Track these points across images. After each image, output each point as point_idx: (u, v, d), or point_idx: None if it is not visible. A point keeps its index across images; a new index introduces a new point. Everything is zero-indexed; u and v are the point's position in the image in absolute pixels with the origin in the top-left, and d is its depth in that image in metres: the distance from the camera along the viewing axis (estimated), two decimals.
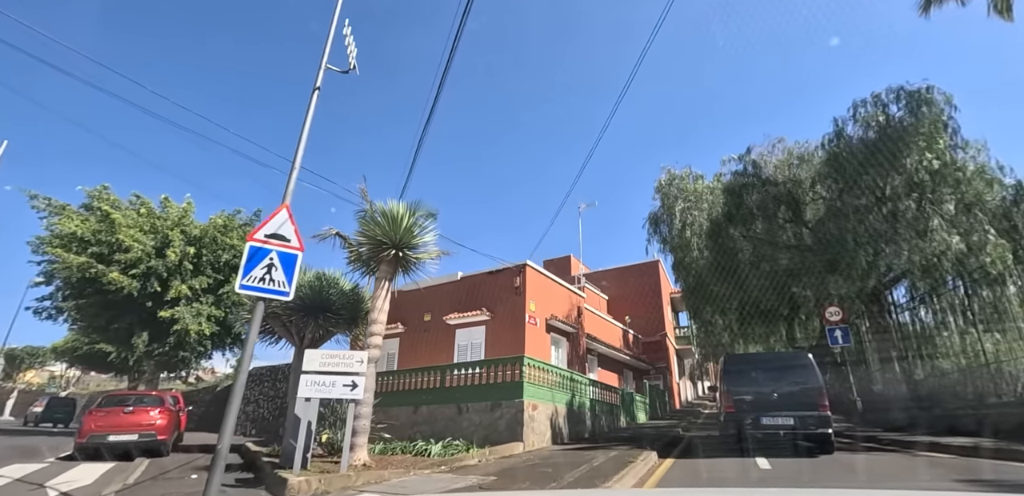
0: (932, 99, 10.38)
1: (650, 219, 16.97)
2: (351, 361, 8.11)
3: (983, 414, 10.33)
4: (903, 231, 10.20)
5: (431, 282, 17.82)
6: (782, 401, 9.05)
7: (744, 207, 13.20)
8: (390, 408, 13.81)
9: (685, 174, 16.39)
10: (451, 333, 16.15)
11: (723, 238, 13.66)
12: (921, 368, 12.63)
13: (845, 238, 11.03)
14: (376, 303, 9.64)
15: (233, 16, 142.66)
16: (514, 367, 11.92)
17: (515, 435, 11.21)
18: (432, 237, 10.83)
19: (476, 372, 12.53)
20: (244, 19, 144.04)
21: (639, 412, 19.34)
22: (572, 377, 14.16)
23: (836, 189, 11.50)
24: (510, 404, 11.57)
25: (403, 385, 13.86)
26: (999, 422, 9.56)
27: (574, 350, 17.49)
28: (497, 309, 15.52)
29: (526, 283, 15.27)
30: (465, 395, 12.50)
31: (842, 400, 18.44)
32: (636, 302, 28.67)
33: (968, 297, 11.12)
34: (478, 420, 12.00)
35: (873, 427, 13.22)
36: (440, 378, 13.14)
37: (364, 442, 8.85)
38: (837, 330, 15.14)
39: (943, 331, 11.98)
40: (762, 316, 15.74)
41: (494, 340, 15.07)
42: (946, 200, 10.19)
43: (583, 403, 14.45)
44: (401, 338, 17.46)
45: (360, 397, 7.98)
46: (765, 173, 13.36)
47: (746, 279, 14.74)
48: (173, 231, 18.85)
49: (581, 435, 13.88)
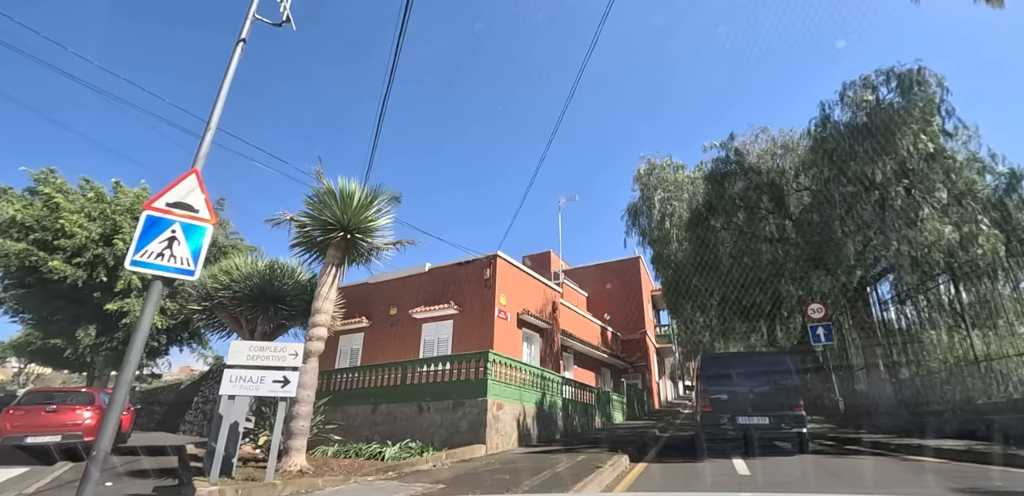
0: (924, 80, 9.77)
1: (629, 210, 16.24)
2: (283, 354, 7.19)
3: (973, 415, 9.75)
4: (893, 220, 9.58)
5: (398, 274, 16.95)
6: (758, 401, 9.03)
7: (726, 197, 12.51)
8: (348, 407, 12.93)
9: (666, 164, 15.68)
10: (417, 328, 15.25)
11: (703, 230, 12.97)
12: (907, 367, 12.07)
13: (831, 228, 10.38)
14: (321, 291, 8.72)
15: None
16: (478, 363, 11.08)
17: (477, 436, 10.38)
18: (388, 220, 9.95)
19: (438, 369, 11.67)
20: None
21: (616, 412, 18.63)
22: (543, 375, 13.36)
23: (822, 177, 10.86)
24: (473, 403, 10.73)
25: (362, 382, 12.95)
26: (991, 424, 8.98)
27: (548, 347, 16.69)
28: (466, 303, 14.66)
29: (497, 275, 14.42)
30: (426, 393, 11.63)
31: (824, 401, 17.94)
32: (616, 299, 28.01)
33: (957, 292, 10.55)
34: (439, 420, 11.14)
35: (856, 429, 12.63)
36: (401, 375, 12.25)
37: (302, 445, 7.94)
38: (820, 328, 14.60)
39: (931, 328, 11.42)
40: (743, 313, 15.10)
41: (462, 335, 14.21)
42: (937, 189, 9.59)
43: (555, 403, 13.66)
44: (366, 333, 16.51)
45: (293, 394, 7.06)
46: (748, 161, 12.69)
47: (727, 273, 14.08)
48: (123, 217, 17.62)
49: (552, 436, 13.09)
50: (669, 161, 15.67)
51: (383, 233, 9.97)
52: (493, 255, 14.69)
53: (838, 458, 8.69)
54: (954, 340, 10.89)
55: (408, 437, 10.93)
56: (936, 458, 8.00)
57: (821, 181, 10.94)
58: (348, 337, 16.86)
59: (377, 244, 9.63)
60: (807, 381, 20.72)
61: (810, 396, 20.37)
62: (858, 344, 14.63)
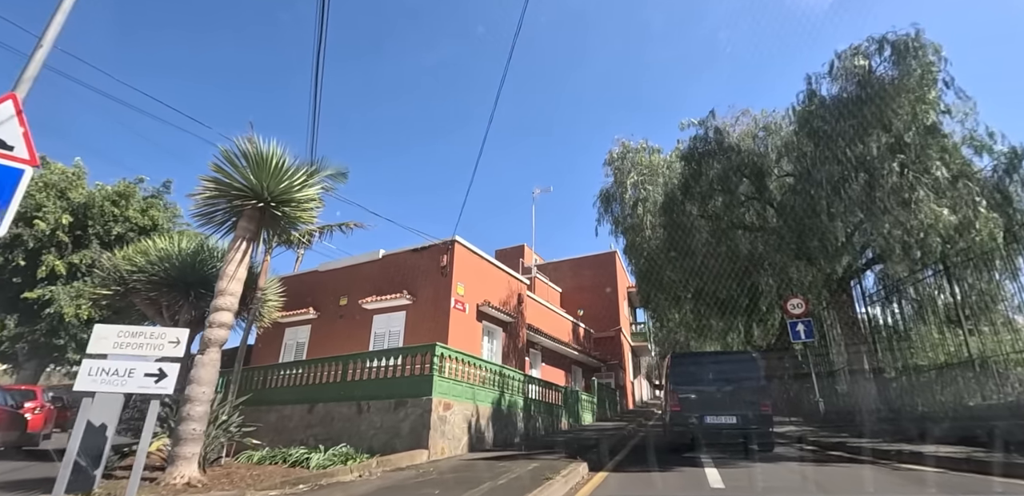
0: (921, 46, 8.81)
1: (601, 196, 15.14)
2: (161, 341, 5.84)
3: (966, 419, 8.84)
4: (884, 201, 8.60)
5: (350, 262, 15.59)
6: (725, 400, 9.10)
7: (703, 179, 11.46)
8: (283, 406, 11.62)
9: (641, 147, 14.61)
10: (368, 319, 13.92)
11: (678, 214, 11.89)
12: (893, 366, 11.17)
13: (816, 210, 9.37)
14: (227, 269, 7.37)
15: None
16: (424, 358, 9.84)
17: (419, 440, 9.14)
18: (316, 192, 8.64)
19: (380, 364, 10.40)
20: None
21: (585, 413, 17.52)
22: (503, 372, 12.16)
23: (807, 157, 9.87)
24: (416, 403, 9.49)
25: (298, 379, 11.61)
26: (989, 429, 8.05)
27: (512, 342, 15.50)
28: (420, 292, 13.38)
29: (454, 262, 13.17)
30: (366, 391, 10.36)
31: (803, 402, 17.06)
32: (591, 295, 26.98)
33: (951, 283, 9.62)
34: (379, 422, 9.87)
35: (838, 432, 11.70)
36: (341, 371, 10.95)
37: (193, 453, 6.59)
38: (799, 324, 13.74)
39: (920, 324, 10.53)
40: (719, 307, 14.11)
41: (415, 328, 12.93)
42: (934, 167, 8.64)
43: (515, 402, 12.47)
44: (313, 325, 15.12)
45: (169, 391, 5.72)
46: (728, 141, 11.66)
47: (703, 263, 13.06)
48: (42, 194, 15.90)
49: (510, 440, 11.90)
50: (644, 144, 14.60)
51: (311, 206, 8.66)
52: (451, 240, 13.43)
53: (823, 466, 7.66)
54: (946, 337, 9.99)
55: (345, 440, 9.68)
56: (934, 467, 6.99)
57: (806, 161, 9.95)
58: (294, 330, 15.45)
59: (300, 217, 8.28)
60: (785, 381, 19.97)
61: (788, 397, 19.62)
62: (840, 341, 13.76)
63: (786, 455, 9.13)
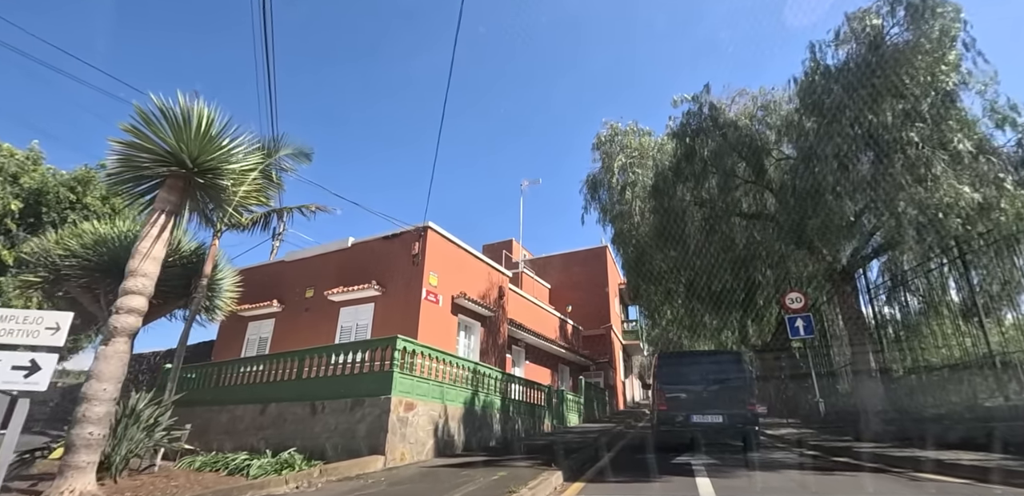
0: (940, 4, 7.86)
1: (588, 182, 14.18)
2: (36, 327, 4.81)
3: (984, 421, 7.92)
4: (899, 178, 7.65)
5: (318, 251, 14.54)
6: (712, 399, 9.15)
7: (696, 159, 10.50)
8: (235, 406, 10.59)
9: (630, 129, 13.65)
10: (335, 312, 12.89)
11: (669, 198, 10.93)
12: (901, 364, 10.26)
13: (822, 189, 8.42)
14: (141, 246, 6.33)
15: None
16: (384, 353, 8.82)
17: (376, 445, 8.12)
18: (255, 162, 7.62)
19: (339, 361, 9.38)
20: None
21: (570, 413, 16.54)
22: (477, 369, 11.16)
23: (811, 132, 8.92)
24: (374, 402, 8.48)
25: (250, 377, 10.58)
26: (1009, 431, 7.14)
27: (491, 338, 14.49)
28: (390, 283, 12.35)
29: (427, 250, 12.15)
30: (321, 390, 9.34)
31: (801, 403, 16.12)
32: (581, 292, 26.01)
33: (966, 271, 8.70)
34: (334, 424, 8.85)
35: (840, 435, 10.77)
36: (296, 368, 9.92)
37: (90, 462, 5.55)
38: (798, 319, 12.85)
39: (932, 317, 9.61)
40: (713, 301, 13.18)
41: (384, 321, 11.91)
42: (954, 140, 7.70)
43: (491, 403, 11.47)
44: (278, 319, 14.06)
45: (42, 388, 4.68)
46: (723, 117, 10.71)
47: (696, 253, 12.13)
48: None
49: (485, 443, 10.90)
50: (634, 126, 13.64)
51: (254, 182, 7.64)
52: (423, 226, 12.41)
53: (829, 476, 6.69)
54: (960, 331, 9.06)
55: (299, 444, 8.68)
56: (959, 478, 6.04)
57: (809, 137, 9.00)
58: (257, 324, 14.39)
59: (241, 194, 7.25)
60: (782, 381, 19.06)
61: (785, 398, 18.69)
62: (843, 338, 12.86)
63: (786, 462, 8.20)
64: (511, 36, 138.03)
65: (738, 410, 8.89)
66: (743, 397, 9.09)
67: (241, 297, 15.06)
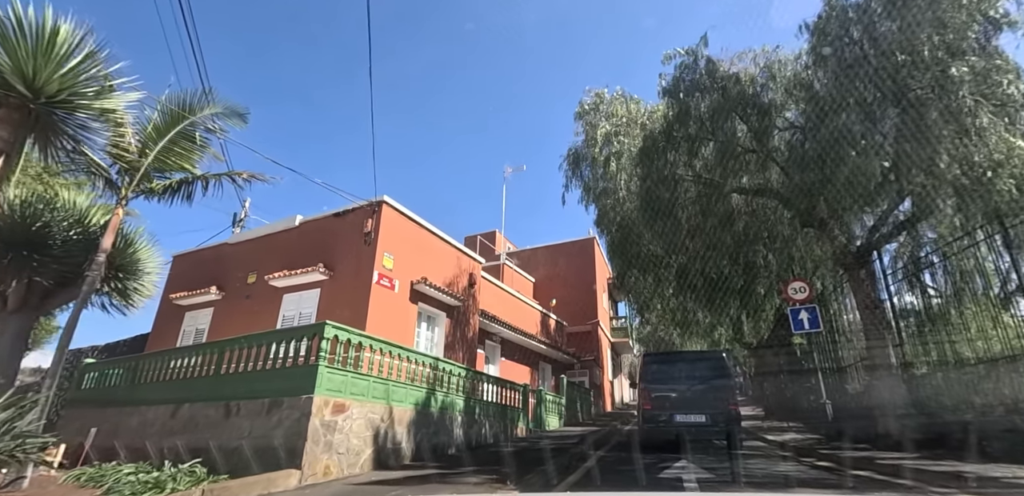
0: None
1: (569, 157, 12.68)
2: None
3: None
4: (936, 128, 6.20)
5: (265, 231, 12.93)
6: (695, 399, 9.29)
7: (690, 120, 9.01)
8: (147, 408, 9.04)
9: (617, 95, 12.14)
10: (278, 299, 11.29)
11: (659, 167, 9.42)
12: (927, 358, 8.84)
13: (841, 147, 6.95)
14: None
15: None
16: (310, 342, 7.26)
17: (293, 456, 6.55)
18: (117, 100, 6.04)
19: (259, 353, 7.81)
20: None
21: (550, 416, 15.01)
22: (436, 365, 9.61)
23: (829, 80, 7.47)
24: (293, 403, 6.91)
25: (161, 374, 9.00)
26: None
27: (459, 331, 12.92)
28: (339, 266, 10.77)
29: (381, 228, 10.57)
30: (238, 388, 7.79)
31: (802, 404, 14.65)
32: (567, 286, 24.52)
33: (1009, 249, 7.27)
34: (248, 428, 7.28)
35: (854, 442, 9.31)
36: (214, 363, 8.34)
37: None
38: (802, 311, 11.46)
39: (966, 304, 8.19)
40: (708, 290, 11.69)
41: (331, 308, 10.32)
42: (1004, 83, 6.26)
43: (452, 404, 9.93)
44: (216, 308, 12.42)
45: None
46: (722, 71, 9.24)
47: (689, 234, 10.66)
48: None
49: (443, 451, 9.35)
50: (620, 92, 12.12)
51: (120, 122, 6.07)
52: (377, 201, 10.81)
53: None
54: (1001, 319, 7.63)
55: (213, 452, 7.18)
56: None
57: (828, 85, 7.53)
58: (194, 314, 12.74)
59: (81, 121, 5.66)
60: (781, 381, 17.64)
61: (784, 399, 17.24)
62: (854, 331, 11.43)
63: (796, 476, 6.73)
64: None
65: (720, 410, 9.06)
66: (726, 397, 9.29)
67: (180, 284, 13.48)
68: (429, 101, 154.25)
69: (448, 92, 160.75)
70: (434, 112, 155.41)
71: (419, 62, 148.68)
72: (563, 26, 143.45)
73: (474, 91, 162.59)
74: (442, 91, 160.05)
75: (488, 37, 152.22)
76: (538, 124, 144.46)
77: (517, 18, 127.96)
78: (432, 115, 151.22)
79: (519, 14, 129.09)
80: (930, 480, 5.82)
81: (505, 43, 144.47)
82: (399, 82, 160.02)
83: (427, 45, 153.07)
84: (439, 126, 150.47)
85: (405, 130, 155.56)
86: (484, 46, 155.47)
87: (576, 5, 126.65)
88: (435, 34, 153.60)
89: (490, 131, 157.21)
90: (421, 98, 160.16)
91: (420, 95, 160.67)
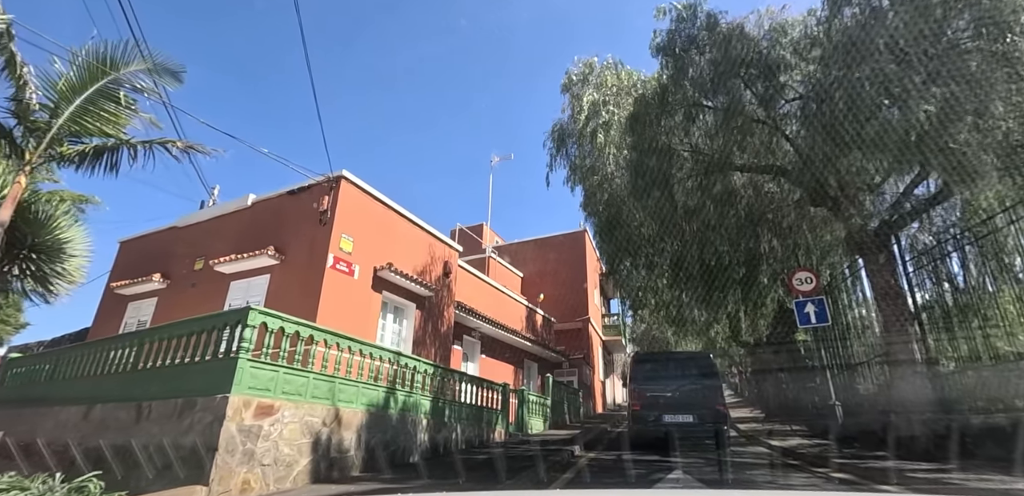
0: None
1: (554, 133, 11.53)
2: None
3: None
4: (989, 71, 5.10)
5: (215, 212, 11.70)
6: (683, 399, 9.31)
7: (686, 81, 7.88)
8: (60, 409, 7.83)
9: (608, 64, 10.98)
10: (224, 287, 10.06)
11: (651, 135, 8.25)
12: (955, 354, 7.76)
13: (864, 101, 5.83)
14: None
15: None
16: (230, 332, 6.06)
17: (201, 469, 5.35)
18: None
19: (176, 344, 6.60)
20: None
21: (533, 418, 13.84)
22: (398, 360, 8.42)
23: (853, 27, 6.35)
24: (207, 404, 5.70)
25: (76, 370, 7.79)
26: None
27: (431, 324, 11.71)
28: (291, 249, 9.57)
29: (338, 206, 9.37)
30: (152, 386, 6.60)
31: (805, 406, 13.56)
32: (556, 281, 23.39)
33: None
34: (159, 433, 6.07)
35: (873, 450, 8.21)
36: (131, 357, 7.13)
37: None
38: (809, 304, 10.56)
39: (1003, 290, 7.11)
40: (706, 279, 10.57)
41: (280, 297, 9.12)
42: None
43: (416, 405, 8.74)
44: (161, 298, 11.18)
45: None
46: (723, 26, 8.10)
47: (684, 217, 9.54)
48: None
49: (403, 459, 8.17)
50: (611, 60, 10.96)
51: None
52: (336, 176, 9.61)
53: None
54: None
55: (120, 461, 6.05)
56: None
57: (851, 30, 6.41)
58: (138, 304, 11.50)
59: None
60: (781, 381, 16.58)
61: (785, 400, 16.17)
62: (867, 325, 10.37)
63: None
64: None
65: (708, 410, 9.14)
66: (713, 397, 9.43)
67: (124, 272, 12.24)
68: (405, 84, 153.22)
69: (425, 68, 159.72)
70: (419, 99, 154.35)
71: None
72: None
73: (456, 65, 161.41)
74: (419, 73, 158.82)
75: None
76: (524, 105, 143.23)
77: None
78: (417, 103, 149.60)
79: None
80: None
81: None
82: (390, 77, 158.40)
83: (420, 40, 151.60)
84: (429, 123, 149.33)
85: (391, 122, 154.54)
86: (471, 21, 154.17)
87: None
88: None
89: (475, 114, 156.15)
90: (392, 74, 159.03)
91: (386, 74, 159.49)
